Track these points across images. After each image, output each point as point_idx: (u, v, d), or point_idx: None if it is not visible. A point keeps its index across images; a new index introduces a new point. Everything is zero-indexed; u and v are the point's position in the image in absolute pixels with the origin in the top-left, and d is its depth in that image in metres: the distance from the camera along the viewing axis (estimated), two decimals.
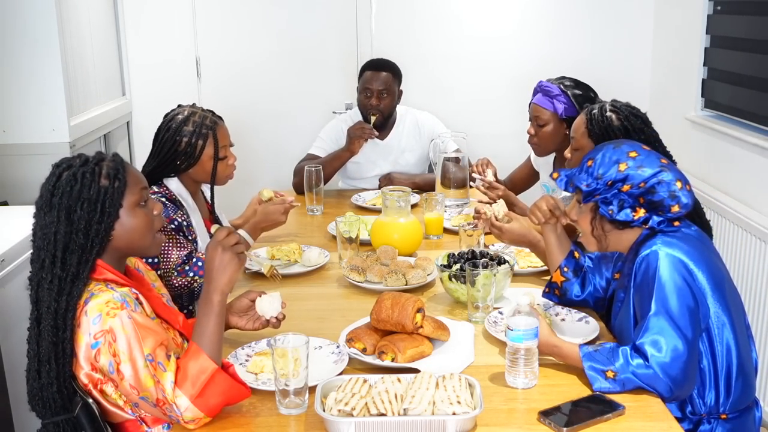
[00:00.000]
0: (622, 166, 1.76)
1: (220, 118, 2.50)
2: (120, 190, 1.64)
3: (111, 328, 1.54)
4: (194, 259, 2.32)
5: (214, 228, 1.74)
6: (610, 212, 1.78)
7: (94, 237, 1.60)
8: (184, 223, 2.39)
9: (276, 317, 1.88)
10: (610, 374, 1.67)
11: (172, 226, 2.34)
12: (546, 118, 2.78)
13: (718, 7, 3.55)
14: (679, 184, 1.76)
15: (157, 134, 2.44)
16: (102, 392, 1.62)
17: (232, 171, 2.54)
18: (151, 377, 1.54)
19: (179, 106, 2.48)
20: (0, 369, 2.37)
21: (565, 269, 2.07)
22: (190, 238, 2.40)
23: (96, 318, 1.56)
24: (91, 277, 1.62)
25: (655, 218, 1.76)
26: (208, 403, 1.55)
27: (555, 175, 1.90)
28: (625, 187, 1.76)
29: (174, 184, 2.44)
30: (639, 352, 1.67)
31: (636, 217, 1.77)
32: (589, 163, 1.82)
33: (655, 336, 1.66)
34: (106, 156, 1.68)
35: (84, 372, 1.59)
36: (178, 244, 2.33)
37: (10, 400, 2.40)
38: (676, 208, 1.76)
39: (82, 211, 1.59)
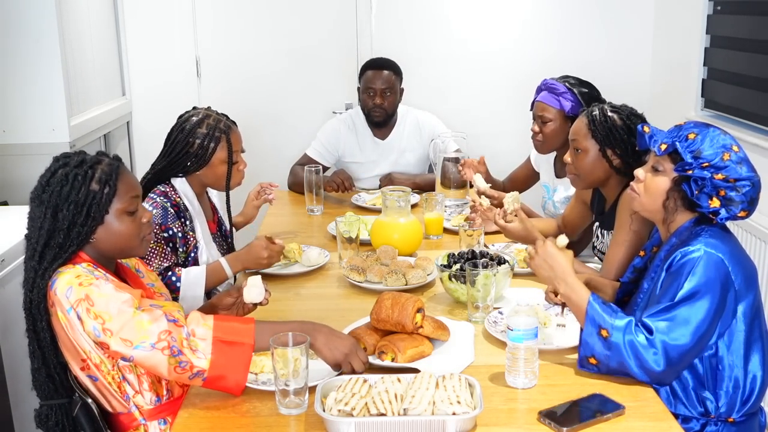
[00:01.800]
0: (726, 156, 1.73)
1: (234, 122, 2.50)
2: (109, 196, 1.65)
3: (87, 295, 1.57)
4: (171, 274, 2.28)
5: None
6: (695, 192, 1.76)
7: (74, 238, 1.63)
8: (179, 233, 2.35)
9: (263, 301, 1.92)
10: (604, 333, 1.69)
11: (165, 234, 2.31)
12: (551, 116, 2.77)
13: (718, 7, 3.54)
14: (759, 195, 1.76)
15: (169, 135, 2.43)
16: (97, 368, 1.64)
17: (241, 177, 2.53)
18: (147, 321, 1.56)
19: (194, 108, 2.48)
20: (0, 369, 2.37)
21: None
22: (180, 249, 2.36)
23: (68, 291, 1.58)
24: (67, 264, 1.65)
25: (723, 212, 1.75)
26: (220, 359, 1.57)
27: (646, 129, 1.84)
28: (719, 176, 1.73)
29: (180, 184, 2.43)
30: (645, 327, 1.68)
31: (710, 206, 1.75)
32: (692, 136, 1.77)
33: (669, 320, 1.68)
34: (104, 159, 1.69)
35: (74, 360, 1.62)
36: (162, 254, 2.30)
37: (10, 400, 2.40)
38: (743, 213, 1.75)
39: (68, 212, 1.62)
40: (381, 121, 3.48)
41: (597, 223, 2.48)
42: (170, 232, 2.32)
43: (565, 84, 2.77)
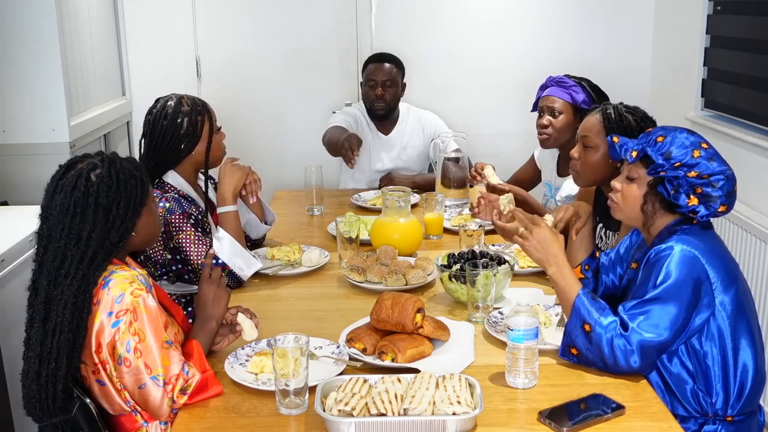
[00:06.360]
0: (696, 153, 1.76)
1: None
2: (146, 188, 1.73)
3: (134, 308, 1.61)
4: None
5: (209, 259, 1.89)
6: (672, 193, 1.78)
7: (123, 233, 1.68)
8: (199, 216, 2.39)
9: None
10: (587, 327, 1.73)
11: (191, 221, 2.33)
12: (562, 108, 2.79)
13: (718, 7, 3.55)
14: (736, 188, 1.78)
15: (152, 129, 2.38)
16: (106, 374, 1.64)
17: (223, 150, 2.50)
18: (168, 358, 1.63)
19: (157, 100, 2.45)
20: (0, 369, 2.37)
21: (586, 267, 2.09)
22: (207, 230, 2.41)
23: (119, 297, 1.61)
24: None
25: (703, 210, 1.77)
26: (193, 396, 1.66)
27: (615, 139, 1.86)
28: (692, 174, 1.75)
29: (172, 179, 2.41)
30: (621, 322, 1.72)
31: (689, 204, 1.77)
32: (660, 139, 1.80)
33: (643, 314, 1.71)
34: (116, 155, 1.74)
35: (89, 360, 1.62)
36: (198, 240, 2.32)
37: (10, 401, 2.40)
38: (723, 208, 1.77)
39: (118, 210, 1.66)
40: (383, 113, 3.48)
41: (600, 225, 2.48)
42: (193, 218, 2.35)
43: (573, 78, 2.80)
